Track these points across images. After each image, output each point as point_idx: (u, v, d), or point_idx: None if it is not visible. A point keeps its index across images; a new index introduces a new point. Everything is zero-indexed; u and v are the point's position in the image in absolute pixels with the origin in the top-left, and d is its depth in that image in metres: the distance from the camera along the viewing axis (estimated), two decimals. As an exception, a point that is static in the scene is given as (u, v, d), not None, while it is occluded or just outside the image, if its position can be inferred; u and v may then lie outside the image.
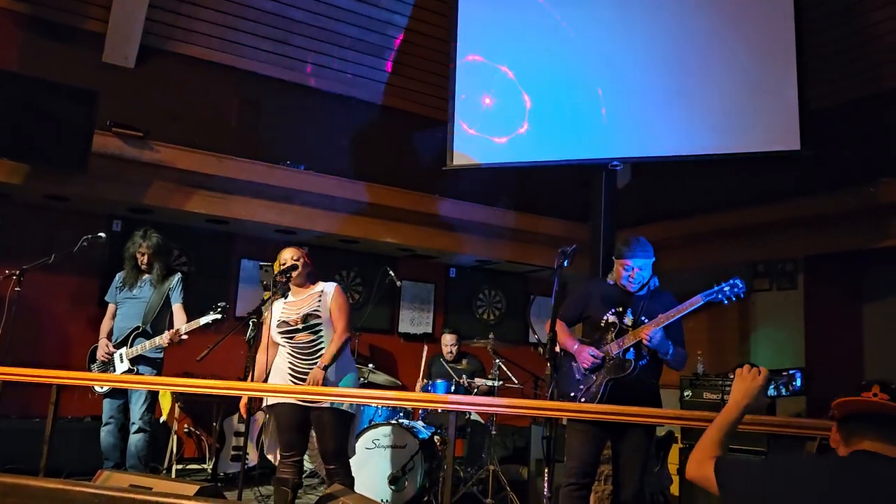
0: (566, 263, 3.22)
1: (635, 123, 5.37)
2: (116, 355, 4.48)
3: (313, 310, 3.76)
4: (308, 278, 3.87)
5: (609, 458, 3.62)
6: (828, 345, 6.09)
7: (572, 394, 3.48)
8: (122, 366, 4.46)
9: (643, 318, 3.43)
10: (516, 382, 5.71)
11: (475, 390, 5.36)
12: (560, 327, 3.50)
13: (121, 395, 4.46)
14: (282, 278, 3.77)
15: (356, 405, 3.91)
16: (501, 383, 5.34)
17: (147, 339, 4.44)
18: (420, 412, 5.48)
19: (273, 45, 6.53)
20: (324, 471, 4.20)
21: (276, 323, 3.80)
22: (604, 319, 3.51)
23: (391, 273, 6.29)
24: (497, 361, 5.41)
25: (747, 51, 5.22)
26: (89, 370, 4.56)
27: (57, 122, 5.15)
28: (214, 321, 4.32)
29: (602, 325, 3.52)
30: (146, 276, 4.63)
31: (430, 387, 5.42)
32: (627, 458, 3.41)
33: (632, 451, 3.39)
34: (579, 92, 5.48)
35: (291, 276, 3.79)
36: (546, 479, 3.03)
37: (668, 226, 6.68)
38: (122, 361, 4.46)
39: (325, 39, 6.63)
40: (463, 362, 5.92)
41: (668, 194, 7.01)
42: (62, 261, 4.43)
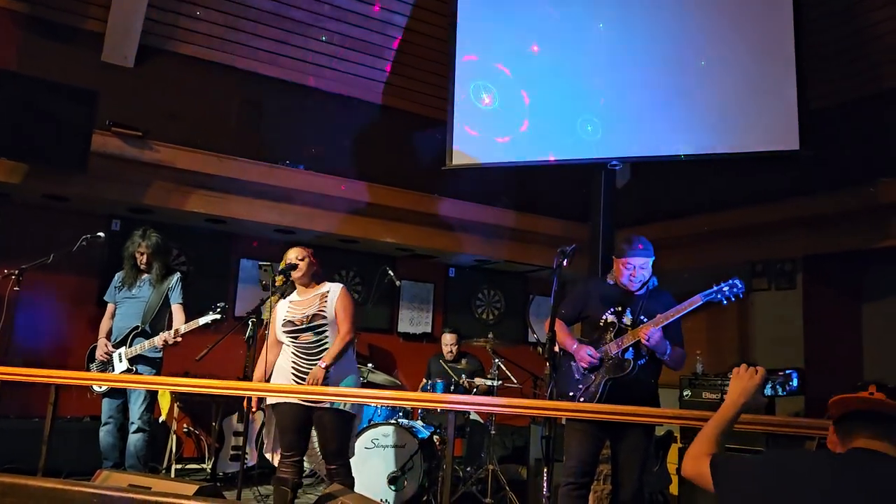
0: (565, 263, 3.22)
1: (634, 123, 5.37)
2: (115, 355, 4.48)
3: (319, 310, 3.75)
4: (313, 278, 3.86)
5: (608, 458, 3.62)
6: (827, 345, 6.09)
7: (571, 393, 3.48)
8: (121, 365, 4.46)
9: (642, 318, 3.43)
10: (515, 382, 5.71)
11: (474, 390, 5.37)
12: (559, 327, 3.50)
13: (120, 395, 4.46)
14: (281, 277, 3.77)
15: (357, 405, 3.91)
16: (501, 383, 5.34)
17: (146, 339, 4.44)
18: (419, 412, 5.48)
19: (273, 45, 6.53)
20: (322, 470, 4.19)
21: (282, 322, 3.80)
22: (603, 319, 3.51)
23: (390, 273, 6.29)
24: (496, 361, 5.41)
25: (747, 50, 5.22)
26: (88, 370, 4.55)
27: (56, 122, 5.14)
28: (214, 321, 4.33)
29: (601, 325, 3.52)
30: (145, 276, 4.63)
31: (430, 386, 5.43)
32: (626, 458, 3.40)
33: (631, 451, 3.39)
34: (578, 91, 5.48)
35: (290, 276, 3.78)
36: (545, 479, 3.03)
37: (668, 225, 6.68)
38: (121, 361, 4.46)
39: (326, 39, 6.63)
40: (462, 362, 5.92)
41: (668, 194, 7.01)
42: (61, 260, 4.43)
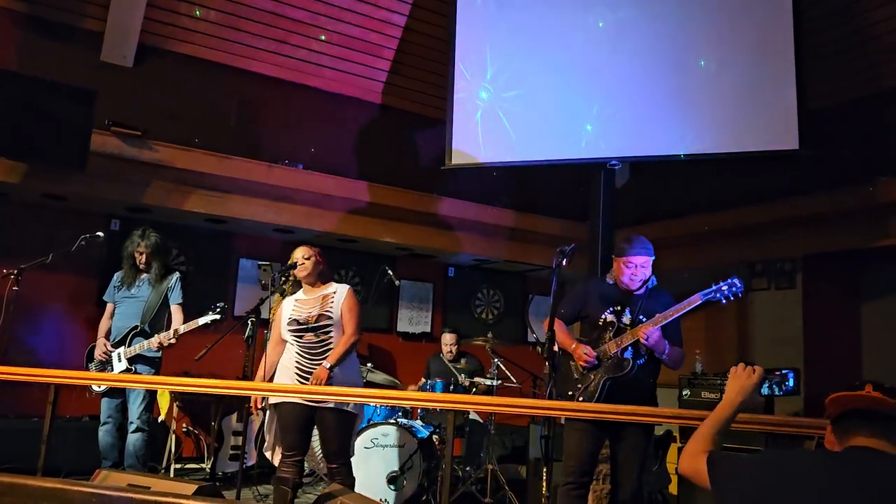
0: (565, 263, 3.22)
1: (634, 122, 5.36)
2: (114, 355, 4.48)
3: (325, 310, 3.75)
4: (319, 277, 3.85)
5: (607, 457, 3.62)
6: (826, 344, 6.09)
7: (570, 393, 3.48)
8: (120, 365, 4.46)
9: (641, 318, 3.42)
10: (515, 381, 5.71)
11: (474, 389, 5.37)
12: (558, 326, 3.50)
13: (119, 395, 4.46)
14: (283, 276, 3.77)
15: (359, 405, 3.91)
16: (500, 382, 5.34)
17: (145, 339, 4.44)
18: (419, 411, 5.49)
19: (272, 45, 6.52)
20: (320, 469, 4.20)
21: (287, 321, 3.79)
22: (602, 318, 3.51)
23: (390, 272, 6.28)
24: (495, 360, 5.40)
25: (746, 50, 5.22)
26: (87, 369, 4.55)
27: (55, 122, 5.13)
28: (213, 321, 4.33)
29: (600, 324, 3.52)
30: (144, 276, 4.62)
31: (429, 386, 5.43)
32: (626, 457, 3.40)
33: (630, 450, 3.39)
34: (578, 91, 5.48)
35: (289, 275, 3.78)
36: (544, 479, 3.03)
37: (667, 225, 6.68)
38: (120, 361, 4.46)
39: (325, 39, 6.62)
40: (462, 361, 5.92)
41: (667, 194, 7.01)
42: (60, 260, 4.43)
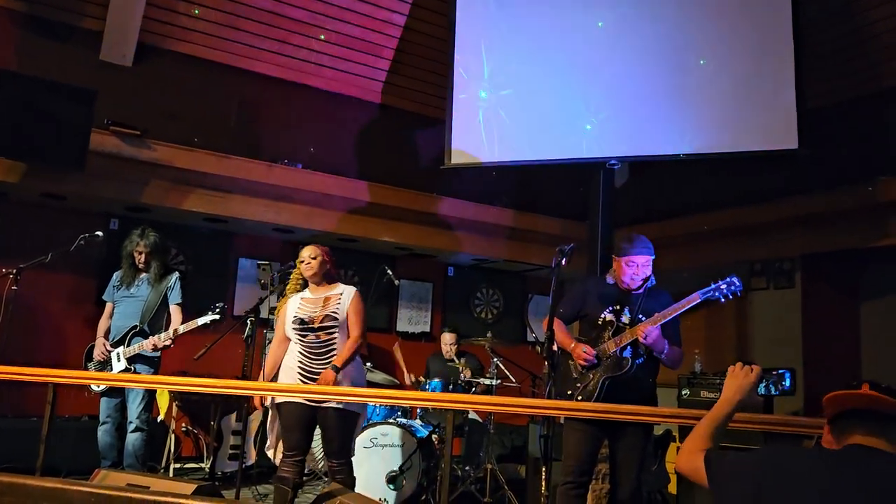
0: (564, 262, 3.22)
1: (633, 122, 5.36)
2: (114, 354, 4.48)
3: (330, 311, 3.75)
4: (325, 278, 3.85)
5: (607, 457, 3.62)
6: (825, 343, 6.09)
7: (570, 392, 3.48)
8: (119, 365, 4.45)
9: (640, 317, 3.42)
10: (514, 381, 5.71)
11: (473, 389, 5.36)
12: (557, 325, 3.50)
13: (118, 394, 4.46)
14: (281, 276, 3.78)
15: (361, 405, 3.91)
16: (499, 382, 5.34)
17: (144, 339, 4.44)
18: (418, 411, 5.48)
19: (272, 44, 6.52)
20: (319, 468, 4.20)
21: (292, 319, 3.79)
22: (601, 318, 3.51)
23: (389, 272, 6.28)
24: (495, 360, 5.40)
25: (745, 49, 5.22)
26: (86, 369, 4.55)
27: (54, 121, 5.13)
28: (212, 321, 4.33)
29: (599, 324, 3.52)
30: (144, 275, 4.62)
31: (428, 385, 5.42)
32: (625, 457, 3.41)
33: (629, 450, 3.39)
34: (577, 90, 5.48)
35: (289, 275, 3.79)
36: (544, 478, 3.03)
37: (666, 225, 6.68)
38: (120, 360, 4.46)
39: (325, 39, 6.62)
40: (461, 361, 5.92)
41: (666, 193, 7.01)
42: (59, 259, 4.43)
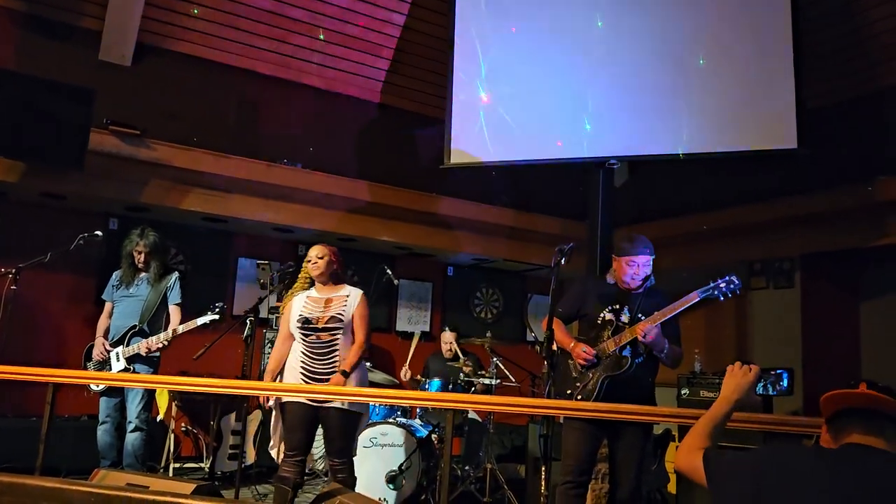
0: (564, 262, 3.22)
1: (633, 121, 5.36)
2: (113, 354, 4.48)
3: (336, 313, 3.75)
4: (332, 278, 3.86)
5: (606, 457, 3.62)
6: (825, 343, 6.09)
7: (569, 392, 3.48)
8: (119, 364, 4.45)
9: (640, 316, 3.43)
10: (513, 381, 5.71)
11: (473, 389, 5.36)
12: (557, 325, 3.50)
13: (117, 394, 4.46)
14: (281, 276, 3.78)
15: (364, 404, 3.91)
16: (499, 381, 5.34)
17: (144, 338, 4.43)
18: (418, 410, 5.48)
19: (271, 44, 6.51)
20: (320, 469, 4.20)
21: (297, 318, 3.79)
22: (600, 317, 3.52)
23: (388, 271, 6.28)
24: (494, 360, 5.41)
25: (745, 49, 5.22)
26: (85, 369, 4.55)
27: (53, 121, 5.12)
28: (212, 321, 4.33)
29: (598, 323, 3.52)
30: (143, 275, 4.62)
31: (427, 385, 5.42)
32: (624, 456, 3.41)
33: (628, 449, 3.39)
34: (577, 90, 5.47)
35: (288, 276, 3.80)
36: (543, 478, 3.03)
37: (665, 224, 6.68)
38: (119, 360, 4.45)
39: (325, 38, 6.61)
40: (461, 360, 5.92)
41: (665, 193, 7.01)
42: (58, 259, 4.42)
